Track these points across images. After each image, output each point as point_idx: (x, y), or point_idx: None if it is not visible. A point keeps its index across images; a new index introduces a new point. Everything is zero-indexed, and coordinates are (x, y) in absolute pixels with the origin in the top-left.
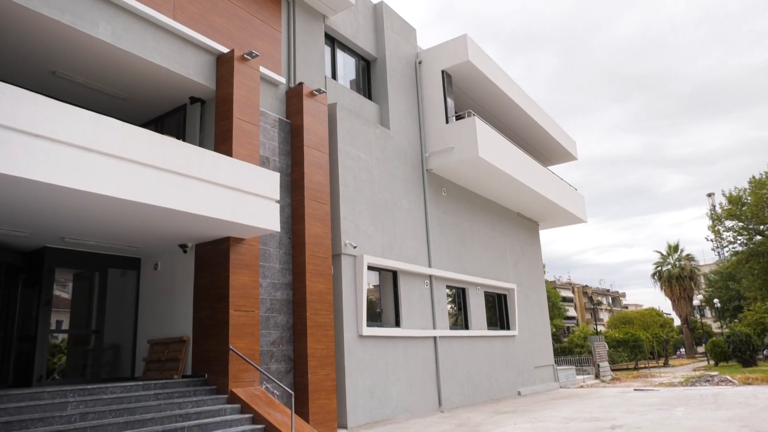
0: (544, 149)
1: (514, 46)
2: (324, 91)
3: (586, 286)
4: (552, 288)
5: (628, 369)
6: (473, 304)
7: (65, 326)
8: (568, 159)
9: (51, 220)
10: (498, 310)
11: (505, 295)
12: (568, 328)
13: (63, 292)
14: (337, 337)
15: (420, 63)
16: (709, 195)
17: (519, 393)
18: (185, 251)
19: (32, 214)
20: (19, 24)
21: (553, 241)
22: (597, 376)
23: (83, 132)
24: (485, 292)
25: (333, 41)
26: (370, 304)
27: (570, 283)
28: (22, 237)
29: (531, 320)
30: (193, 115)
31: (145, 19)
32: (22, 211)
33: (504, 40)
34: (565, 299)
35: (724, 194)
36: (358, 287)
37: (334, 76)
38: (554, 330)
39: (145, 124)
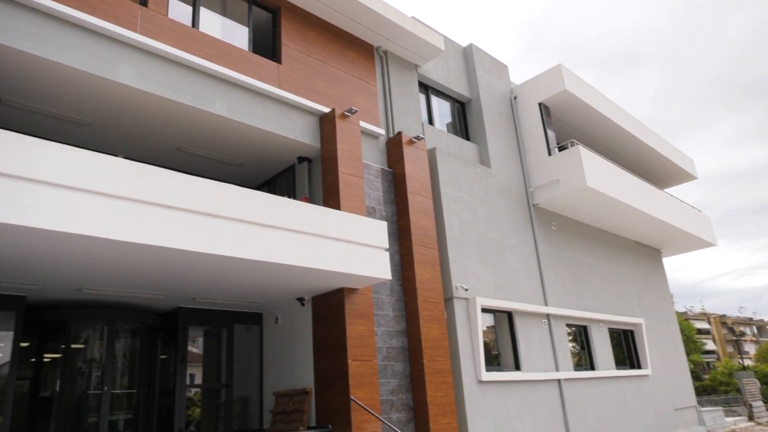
0: (658, 171)
1: (611, 68)
2: (422, 138)
3: (724, 315)
4: (684, 320)
5: None
6: (597, 343)
7: (198, 380)
8: (686, 179)
9: (184, 283)
10: (626, 348)
11: (631, 331)
12: (707, 363)
13: (194, 348)
14: (455, 383)
15: (515, 98)
16: None
17: None
18: (303, 304)
19: (168, 279)
20: (148, 107)
21: (678, 268)
22: (750, 418)
23: (208, 200)
24: (609, 328)
25: (427, 88)
26: (487, 348)
27: (704, 314)
28: (159, 300)
29: (664, 357)
30: (301, 174)
31: (254, 91)
32: (160, 276)
33: (600, 63)
34: (700, 331)
35: None
36: (473, 331)
37: (430, 121)
38: (692, 366)
39: (259, 187)
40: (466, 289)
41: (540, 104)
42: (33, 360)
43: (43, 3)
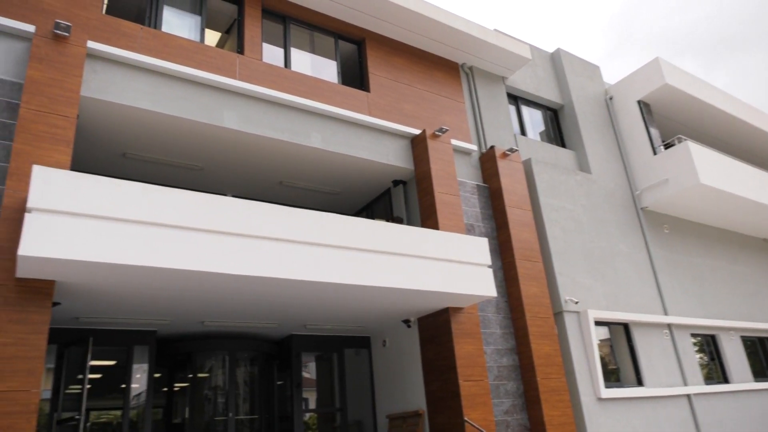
0: None
1: (713, 54)
2: (516, 149)
3: None
4: None
5: None
6: (729, 353)
7: (312, 405)
8: None
9: (295, 311)
10: (764, 357)
11: None
12: None
13: (306, 373)
14: (573, 401)
15: (611, 99)
16: None
17: None
18: (409, 326)
19: (281, 308)
20: (250, 147)
21: None
22: None
23: (312, 230)
24: (741, 336)
25: (516, 99)
26: (603, 363)
27: None
28: (273, 328)
29: None
30: (397, 197)
31: (346, 121)
32: (273, 306)
33: (700, 50)
34: None
35: None
36: (587, 345)
37: (523, 132)
38: None
39: (358, 213)
40: (576, 302)
41: (639, 102)
42: (165, 389)
43: (156, 63)
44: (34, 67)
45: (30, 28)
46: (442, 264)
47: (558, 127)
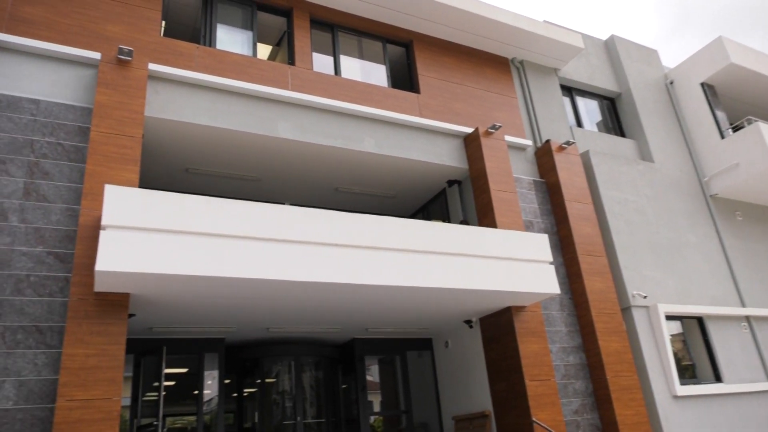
0: None
1: None
2: (573, 142)
3: None
4: None
5: None
6: None
7: (376, 408)
8: None
9: (356, 315)
10: None
11: None
12: None
13: (370, 376)
14: (646, 400)
15: (671, 83)
16: None
17: None
18: (471, 326)
19: (343, 312)
20: (305, 155)
21: None
22: None
23: (369, 235)
24: None
25: (570, 90)
26: (677, 359)
27: None
28: (335, 333)
29: None
30: (453, 197)
31: (398, 124)
32: (335, 310)
33: (765, 25)
34: None
35: None
36: (659, 341)
37: (579, 124)
38: None
39: (414, 215)
40: (645, 296)
41: (702, 84)
42: (234, 395)
43: (212, 80)
44: (101, 92)
45: (96, 55)
46: (502, 262)
47: (616, 116)
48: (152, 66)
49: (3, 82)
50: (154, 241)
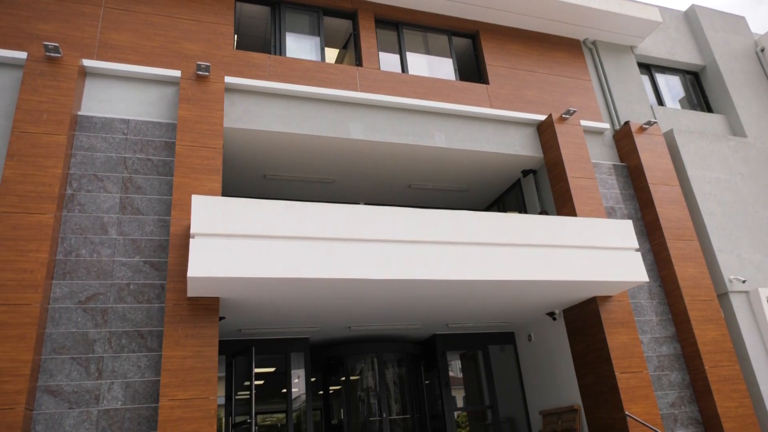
0: None
1: None
2: (654, 121)
3: None
4: None
5: None
6: None
7: (459, 403)
8: None
9: (437, 311)
10: None
11: None
12: None
13: (452, 371)
14: (751, 391)
15: (762, 51)
16: None
17: None
18: (554, 318)
19: (423, 309)
20: (376, 154)
21: None
22: None
23: (445, 230)
24: None
25: (649, 67)
26: None
27: None
28: (416, 329)
29: None
30: (528, 187)
31: (468, 117)
32: (415, 307)
33: None
34: None
35: None
36: (762, 328)
37: (660, 102)
38: None
39: (489, 207)
40: (744, 281)
41: None
42: (320, 392)
43: (284, 87)
44: (183, 107)
45: (176, 73)
46: (584, 251)
47: (701, 91)
48: (228, 79)
49: (98, 106)
50: (238, 246)
